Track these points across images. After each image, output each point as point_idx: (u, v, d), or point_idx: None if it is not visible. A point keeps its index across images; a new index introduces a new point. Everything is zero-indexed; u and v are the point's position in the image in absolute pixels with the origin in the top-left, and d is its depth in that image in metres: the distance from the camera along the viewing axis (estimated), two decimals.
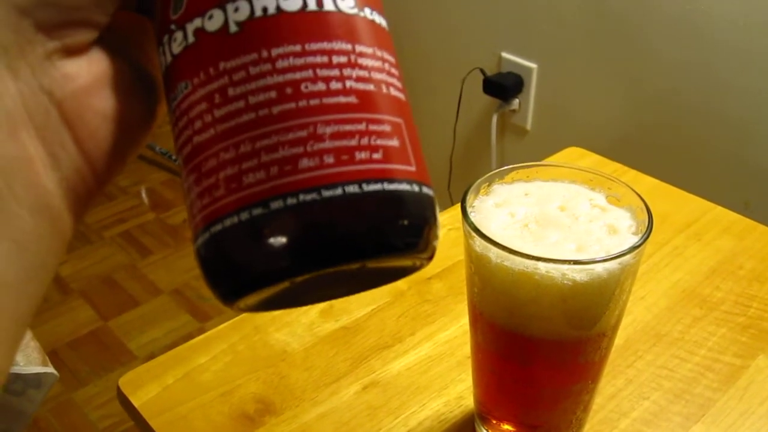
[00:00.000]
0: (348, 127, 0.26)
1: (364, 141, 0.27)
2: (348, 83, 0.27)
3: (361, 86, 0.27)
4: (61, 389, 1.93)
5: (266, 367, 0.71)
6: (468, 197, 0.52)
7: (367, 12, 0.29)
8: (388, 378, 0.69)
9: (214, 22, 0.27)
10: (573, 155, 1.03)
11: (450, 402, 0.67)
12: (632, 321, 0.75)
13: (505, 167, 0.55)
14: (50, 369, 0.98)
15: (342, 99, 0.27)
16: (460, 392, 0.67)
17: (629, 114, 1.77)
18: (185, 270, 2.34)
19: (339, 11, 0.27)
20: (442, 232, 0.89)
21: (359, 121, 0.27)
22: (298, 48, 0.27)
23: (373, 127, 0.27)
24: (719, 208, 0.92)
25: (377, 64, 0.28)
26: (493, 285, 0.50)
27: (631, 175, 0.99)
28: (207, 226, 0.27)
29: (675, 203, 0.93)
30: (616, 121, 1.80)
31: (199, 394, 0.68)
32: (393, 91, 0.29)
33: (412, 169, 0.28)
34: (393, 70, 0.29)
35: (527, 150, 2.04)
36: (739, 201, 1.57)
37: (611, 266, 0.47)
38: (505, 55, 1.96)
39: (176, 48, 0.28)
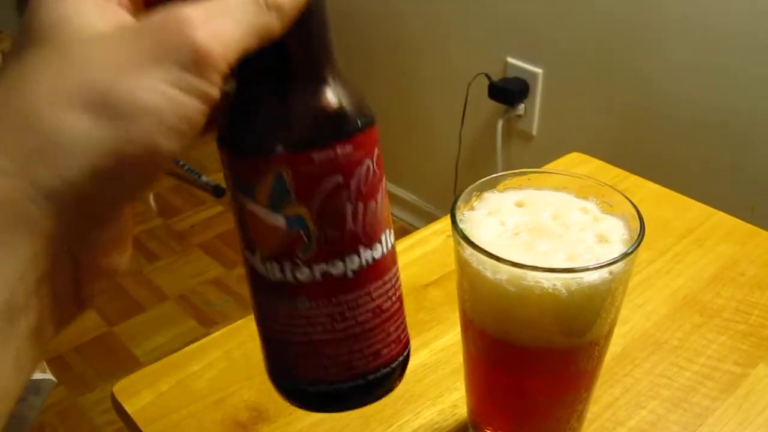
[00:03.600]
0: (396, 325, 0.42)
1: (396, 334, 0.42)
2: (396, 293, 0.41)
3: (399, 293, 0.42)
4: (66, 394, 1.93)
5: (261, 374, 0.69)
6: (458, 205, 0.52)
7: (386, 237, 0.40)
8: None
9: (337, 269, 0.38)
10: (574, 161, 1.03)
11: (444, 411, 0.66)
12: (630, 329, 0.74)
13: (496, 174, 0.55)
14: (48, 375, 0.98)
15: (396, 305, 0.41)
16: (454, 401, 0.67)
17: (635, 119, 1.76)
18: (191, 275, 2.34)
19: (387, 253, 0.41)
20: (441, 238, 0.88)
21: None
22: (387, 279, 0.41)
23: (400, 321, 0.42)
24: (721, 213, 0.92)
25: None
26: (482, 294, 0.50)
27: (633, 181, 0.98)
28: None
29: (676, 209, 0.93)
30: (622, 126, 1.79)
31: (192, 402, 0.67)
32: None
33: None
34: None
35: (533, 155, 2.03)
36: (745, 207, 1.56)
37: (601, 275, 0.47)
38: (510, 60, 1.96)
39: (301, 277, 0.38)
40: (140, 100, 0.28)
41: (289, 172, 0.36)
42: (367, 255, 0.39)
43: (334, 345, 0.40)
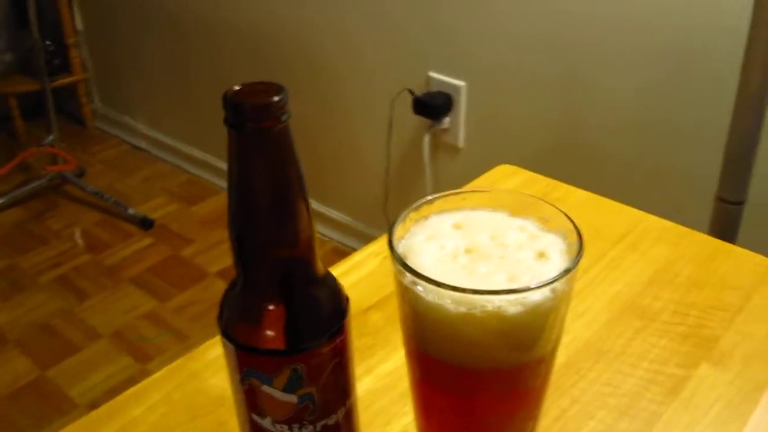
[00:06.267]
0: None
1: None
2: None
3: None
4: None
5: (204, 414, 0.68)
6: (396, 230, 0.51)
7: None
8: None
9: (332, 420, 0.50)
10: (504, 173, 1.03)
11: None
12: (573, 339, 0.74)
13: (431, 197, 0.54)
14: None
15: None
16: (403, 426, 0.66)
17: (560, 127, 1.78)
18: (124, 311, 2.30)
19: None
20: (378, 260, 0.86)
21: None
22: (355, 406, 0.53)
23: None
24: (652, 217, 0.93)
25: None
26: (426, 320, 0.49)
27: (563, 191, 0.99)
28: None
29: (608, 215, 0.94)
30: (548, 134, 1.81)
31: None
32: None
33: None
34: None
35: (461, 168, 2.04)
36: (673, 209, 1.58)
37: (543, 293, 0.46)
38: (432, 74, 1.97)
39: None
40: None
41: (303, 366, 0.46)
42: (350, 402, 0.51)
43: None
